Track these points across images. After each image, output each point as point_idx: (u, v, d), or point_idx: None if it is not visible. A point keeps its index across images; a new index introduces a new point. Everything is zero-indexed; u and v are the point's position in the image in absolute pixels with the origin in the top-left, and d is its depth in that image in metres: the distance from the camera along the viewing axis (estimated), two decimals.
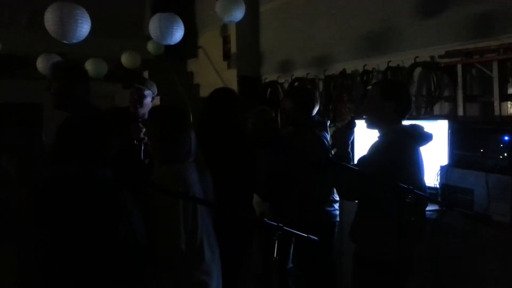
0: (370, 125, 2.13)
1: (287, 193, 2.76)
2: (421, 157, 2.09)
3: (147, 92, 2.96)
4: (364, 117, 2.17)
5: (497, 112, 2.92)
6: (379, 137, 2.09)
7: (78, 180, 1.49)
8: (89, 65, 5.18)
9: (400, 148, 1.95)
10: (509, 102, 2.94)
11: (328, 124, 2.84)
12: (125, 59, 5.20)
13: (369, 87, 2.22)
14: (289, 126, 2.99)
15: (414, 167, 2.00)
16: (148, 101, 2.99)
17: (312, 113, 2.79)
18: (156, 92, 3.08)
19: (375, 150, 2.01)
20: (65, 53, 5.72)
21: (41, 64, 5.07)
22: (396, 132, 2.02)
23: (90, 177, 1.50)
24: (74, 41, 3.60)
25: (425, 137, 2.08)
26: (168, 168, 1.79)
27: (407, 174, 1.91)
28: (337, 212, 2.74)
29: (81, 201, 1.45)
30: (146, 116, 2.81)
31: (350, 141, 2.09)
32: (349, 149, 2.08)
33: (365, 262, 2.00)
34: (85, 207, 1.45)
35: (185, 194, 1.69)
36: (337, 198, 2.77)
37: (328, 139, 2.78)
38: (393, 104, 2.03)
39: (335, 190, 2.72)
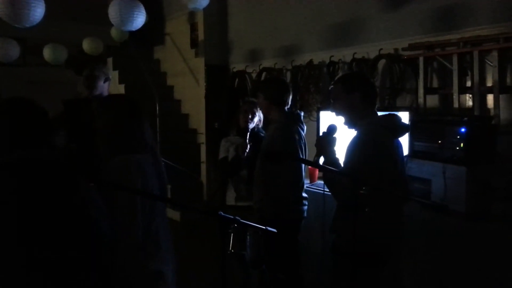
0: (347, 124, 2.08)
1: (256, 183, 2.79)
2: (401, 148, 2.07)
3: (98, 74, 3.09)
4: (341, 117, 2.13)
5: (456, 104, 3.00)
6: (355, 130, 2.05)
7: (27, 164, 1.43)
8: (47, 51, 4.97)
9: (374, 143, 1.92)
10: (467, 95, 3.02)
11: (302, 116, 2.82)
12: (87, 45, 5.02)
13: (331, 87, 2.16)
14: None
15: (391, 160, 1.98)
16: (100, 84, 3.09)
17: (286, 105, 2.76)
18: (109, 75, 3.18)
19: (352, 147, 1.96)
20: (23, 38, 5.47)
21: None
22: (371, 124, 1.99)
23: (39, 162, 1.45)
24: (27, 25, 3.42)
25: (402, 129, 2.06)
26: (126, 158, 1.74)
27: (382, 166, 1.90)
28: (305, 208, 2.75)
29: (32, 186, 1.40)
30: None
31: (334, 147, 2.01)
32: (336, 156, 1.99)
33: (342, 253, 2.00)
34: (38, 193, 1.40)
35: (137, 189, 1.66)
36: (306, 195, 2.78)
37: (304, 132, 2.78)
38: (358, 94, 2.02)
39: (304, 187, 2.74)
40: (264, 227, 1.43)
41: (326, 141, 2.00)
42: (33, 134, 1.53)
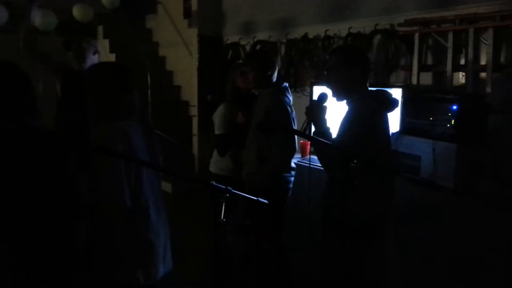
0: (339, 96, 2.05)
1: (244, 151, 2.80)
2: (388, 123, 2.06)
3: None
4: (331, 89, 2.08)
5: (449, 82, 3.00)
6: (348, 104, 2.03)
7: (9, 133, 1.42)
8: (37, 17, 4.82)
9: (370, 117, 1.92)
10: (461, 73, 3.03)
11: (288, 88, 2.81)
12: (77, 11, 4.87)
13: (328, 56, 2.12)
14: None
15: (384, 133, 1.99)
16: (90, 56, 3.20)
17: (272, 77, 2.75)
18: (97, 47, 3.30)
19: (347, 121, 1.95)
20: (11, 2, 5.30)
21: None
22: (364, 99, 1.98)
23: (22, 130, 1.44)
24: None
25: (393, 103, 2.05)
26: (110, 124, 1.73)
27: (377, 140, 1.91)
28: (292, 179, 2.78)
29: (15, 155, 1.39)
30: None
31: (325, 116, 1.97)
32: (327, 125, 1.97)
33: (332, 227, 2.03)
34: (21, 161, 1.39)
35: (122, 153, 1.65)
36: (294, 166, 2.80)
37: (291, 102, 2.77)
38: (357, 70, 1.99)
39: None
40: (255, 198, 1.44)
41: (317, 109, 1.97)
42: (19, 99, 1.50)
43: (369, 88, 2.09)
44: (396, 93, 2.77)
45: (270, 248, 2.76)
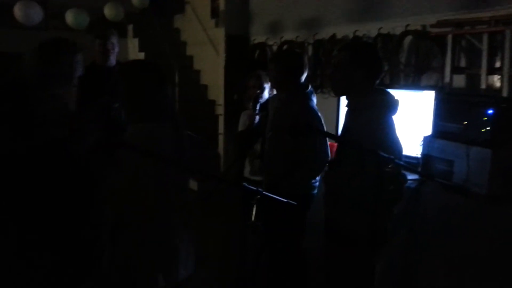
0: (338, 92, 2.02)
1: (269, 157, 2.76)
2: (395, 125, 2.01)
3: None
4: (332, 84, 2.05)
5: (483, 85, 2.91)
6: (354, 109, 1.99)
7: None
8: (69, 15, 4.96)
9: (386, 123, 1.89)
10: (496, 76, 2.93)
11: (312, 90, 2.76)
12: (108, 10, 4.98)
13: (336, 52, 2.06)
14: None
15: (394, 136, 1.96)
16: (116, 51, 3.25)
17: (300, 80, 2.68)
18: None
19: (366, 130, 1.89)
20: (45, 1, 5.46)
21: (19, 11, 4.82)
22: (374, 106, 1.92)
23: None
24: None
25: (396, 106, 1.98)
26: (141, 127, 1.71)
27: (389, 144, 1.86)
28: (317, 184, 2.73)
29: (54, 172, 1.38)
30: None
31: None
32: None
33: (336, 234, 2.02)
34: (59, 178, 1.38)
35: (156, 153, 1.64)
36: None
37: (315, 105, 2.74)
38: (364, 72, 1.93)
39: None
40: (285, 200, 1.43)
41: None
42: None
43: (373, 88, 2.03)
44: (428, 95, 2.73)
45: (261, 227, 2.71)
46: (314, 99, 2.72)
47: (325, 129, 2.71)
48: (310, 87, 2.71)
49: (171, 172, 1.75)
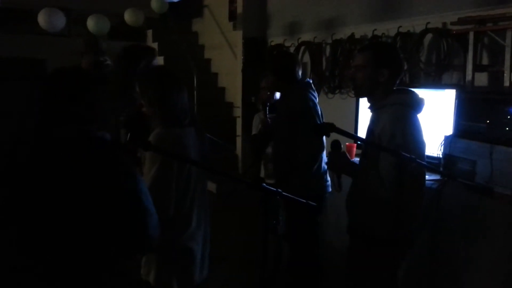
0: (361, 93, 2.01)
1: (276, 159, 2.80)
2: (420, 125, 1.98)
3: None
4: (353, 85, 2.04)
5: (506, 83, 2.84)
6: (377, 109, 1.99)
7: (73, 141, 1.39)
8: (91, 21, 5.07)
9: (411, 122, 1.87)
10: None
11: (312, 84, 2.77)
12: (128, 16, 5.07)
13: (357, 52, 2.06)
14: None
15: (418, 135, 1.94)
16: None
17: (294, 77, 2.70)
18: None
19: (389, 131, 1.87)
20: (68, 8, 5.59)
21: (43, 18, 4.95)
22: (396, 104, 1.91)
23: (86, 138, 1.41)
24: None
25: (421, 105, 1.96)
26: (167, 131, 1.75)
27: (414, 146, 1.84)
28: (328, 183, 2.71)
29: (78, 163, 1.38)
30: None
31: (347, 160, 2.07)
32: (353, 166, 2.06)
33: (360, 237, 2.00)
34: (82, 169, 1.38)
35: (182, 156, 1.67)
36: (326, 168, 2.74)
37: (317, 99, 2.73)
38: (387, 71, 1.92)
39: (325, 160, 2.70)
40: (305, 201, 1.43)
41: (337, 159, 2.03)
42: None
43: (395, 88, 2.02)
44: (450, 94, 2.68)
45: (300, 259, 2.71)
46: (314, 92, 2.72)
47: (320, 120, 2.71)
48: (308, 80, 2.77)
49: (194, 175, 1.78)
